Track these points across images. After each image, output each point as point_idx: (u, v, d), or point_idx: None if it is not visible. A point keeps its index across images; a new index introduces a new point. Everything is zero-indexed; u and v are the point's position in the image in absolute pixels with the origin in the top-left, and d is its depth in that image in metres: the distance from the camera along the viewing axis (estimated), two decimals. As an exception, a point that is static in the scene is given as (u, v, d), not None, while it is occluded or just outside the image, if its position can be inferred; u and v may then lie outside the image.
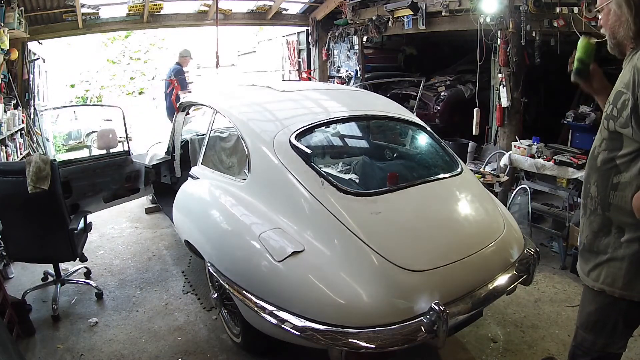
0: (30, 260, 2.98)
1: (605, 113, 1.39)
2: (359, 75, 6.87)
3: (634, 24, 1.28)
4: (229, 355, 2.40)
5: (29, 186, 2.47)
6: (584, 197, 1.51)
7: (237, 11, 7.10)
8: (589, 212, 1.47)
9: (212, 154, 3.55)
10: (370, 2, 6.29)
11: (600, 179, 1.41)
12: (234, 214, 2.23)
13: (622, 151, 1.32)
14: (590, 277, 1.47)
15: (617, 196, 1.35)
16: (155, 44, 17.41)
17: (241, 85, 3.61)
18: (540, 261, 2.34)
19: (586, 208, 1.49)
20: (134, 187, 3.72)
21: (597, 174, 1.42)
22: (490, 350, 2.41)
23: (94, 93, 16.38)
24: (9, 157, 4.28)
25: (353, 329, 1.63)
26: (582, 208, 1.52)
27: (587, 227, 1.49)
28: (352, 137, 3.00)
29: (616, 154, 1.34)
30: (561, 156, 3.56)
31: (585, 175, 1.52)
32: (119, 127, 4.04)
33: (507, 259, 2.09)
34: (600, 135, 1.42)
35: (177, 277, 3.30)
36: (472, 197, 2.30)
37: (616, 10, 1.32)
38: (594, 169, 1.44)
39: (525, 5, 3.87)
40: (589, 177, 1.47)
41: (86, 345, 2.49)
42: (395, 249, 1.82)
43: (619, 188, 1.34)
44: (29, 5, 5.07)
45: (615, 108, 1.31)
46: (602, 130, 1.40)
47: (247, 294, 1.92)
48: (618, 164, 1.34)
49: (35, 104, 5.99)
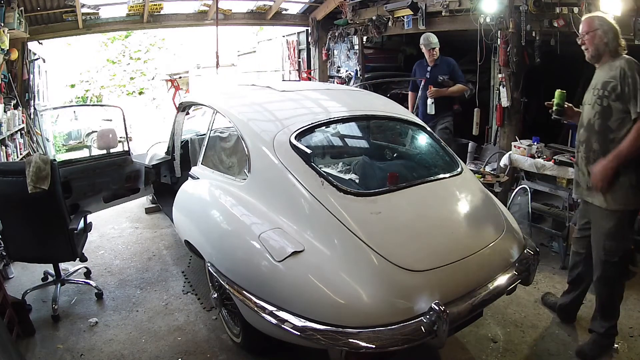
0: (30, 260, 2.98)
1: (594, 97, 2.17)
2: (359, 75, 6.87)
3: (612, 44, 2.14)
4: (229, 355, 2.40)
5: (29, 186, 2.47)
6: (586, 152, 2.23)
7: (237, 11, 7.10)
8: (592, 160, 2.19)
9: (212, 154, 3.55)
10: (370, 2, 6.28)
11: (601, 137, 2.15)
12: (234, 214, 2.23)
13: (613, 117, 2.10)
14: (608, 202, 2.15)
15: (612, 147, 2.10)
16: (155, 44, 17.43)
17: (241, 85, 3.61)
18: (540, 261, 2.35)
19: (589, 159, 2.20)
20: (134, 187, 3.72)
21: (596, 135, 2.17)
22: (490, 350, 2.41)
23: (94, 93, 16.38)
24: (9, 157, 4.29)
25: (353, 329, 1.63)
26: (584, 159, 2.24)
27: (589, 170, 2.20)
28: (352, 137, 3.00)
29: (609, 120, 2.11)
30: (561, 156, 3.56)
31: (585, 138, 2.23)
32: (119, 127, 4.05)
33: (507, 259, 2.09)
34: (592, 111, 2.18)
35: (177, 277, 3.30)
36: (472, 197, 2.30)
37: (601, 34, 2.14)
38: (594, 132, 2.18)
39: (525, 5, 3.87)
40: (590, 138, 2.20)
41: (86, 345, 2.49)
42: (395, 249, 1.82)
43: (615, 141, 2.10)
44: (29, 5, 5.07)
45: (606, 91, 2.11)
46: (595, 107, 2.16)
47: (247, 294, 1.92)
48: (610, 126, 2.12)
49: (35, 104, 5.99)
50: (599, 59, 2.20)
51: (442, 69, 4.41)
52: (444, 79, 4.36)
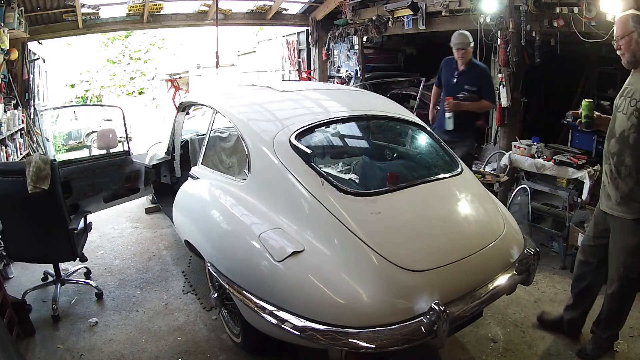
0: (30, 260, 2.98)
1: (631, 107, 1.95)
2: (359, 75, 6.87)
3: None
4: (229, 355, 2.40)
5: (29, 186, 2.47)
6: (616, 165, 2.05)
7: (237, 11, 7.10)
8: (623, 175, 2.02)
9: (212, 154, 3.55)
10: (370, 2, 6.29)
11: (635, 153, 1.97)
12: (234, 214, 2.23)
13: None
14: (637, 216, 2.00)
15: None
16: (155, 44, 17.44)
17: (241, 85, 3.61)
18: (540, 261, 2.34)
19: (620, 173, 2.04)
20: (134, 187, 3.72)
21: (630, 150, 1.98)
22: (490, 350, 2.41)
23: (94, 93, 16.39)
24: (9, 157, 4.29)
25: (353, 329, 1.63)
26: (615, 173, 2.06)
27: (621, 186, 2.05)
28: (352, 137, 3.00)
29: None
30: (561, 156, 3.56)
31: (617, 151, 2.05)
32: (119, 127, 4.05)
33: (507, 259, 2.09)
34: (629, 122, 1.97)
35: (177, 277, 3.30)
36: (472, 197, 2.30)
37: (638, 39, 1.91)
38: (627, 145, 1.99)
39: (525, 5, 3.87)
40: (622, 152, 2.02)
41: (86, 345, 2.49)
42: (395, 249, 1.82)
43: None
44: (29, 5, 5.07)
45: None
46: (631, 118, 1.95)
47: (247, 294, 1.92)
48: None
49: (35, 104, 5.99)
50: (638, 65, 1.99)
51: (471, 78, 3.58)
52: (468, 91, 3.54)
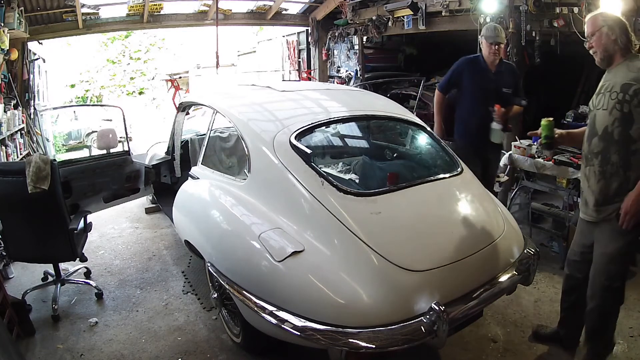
0: (30, 260, 2.98)
1: (612, 101, 1.87)
2: (359, 75, 6.88)
3: (622, 40, 1.87)
4: (229, 355, 2.40)
5: (29, 186, 2.47)
6: (601, 165, 1.94)
7: (237, 11, 7.11)
8: (609, 174, 1.92)
9: (212, 154, 3.55)
10: (370, 2, 6.29)
11: (621, 148, 1.87)
12: (234, 214, 2.23)
13: (635, 125, 1.82)
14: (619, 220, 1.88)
15: (636, 159, 1.86)
16: (155, 44, 17.44)
17: (241, 85, 3.62)
18: (540, 261, 2.34)
19: (605, 173, 1.93)
20: (134, 187, 3.72)
21: (616, 145, 1.88)
22: (490, 350, 2.41)
23: (94, 93, 16.39)
24: (9, 157, 4.29)
25: (353, 329, 1.63)
26: (599, 174, 1.95)
27: (604, 188, 1.94)
28: (352, 137, 3.00)
29: (631, 127, 1.83)
30: (561, 156, 3.56)
31: (601, 149, 1.93)
32: (119, 127, 4.05)
33: (507, 259, 2.09)
34: (611, 117, 1.88)
35: (177, 277, 3.30)
36: (472, 197, 2.30)
37: (608, 32, 1.88)
38: (612, 141, 1.89)
39: (525, 5, 3.88)
40: (607, 149, 1.91)
41: (86, 345, 2.49)
42: (395, 249, 1.82)
43: (637, 153, 1.85)
44: (29, 5, 5.08)
45: (627, 95, 1.82)
46: (614, 112, 1.87)
47: (247, 294, 1.92)
48: (632, 135, 1.84)
49: (35, 104, 6.00)
50: (611, 61, 1.94)
51: (507, 78, 3.11)
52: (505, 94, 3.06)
